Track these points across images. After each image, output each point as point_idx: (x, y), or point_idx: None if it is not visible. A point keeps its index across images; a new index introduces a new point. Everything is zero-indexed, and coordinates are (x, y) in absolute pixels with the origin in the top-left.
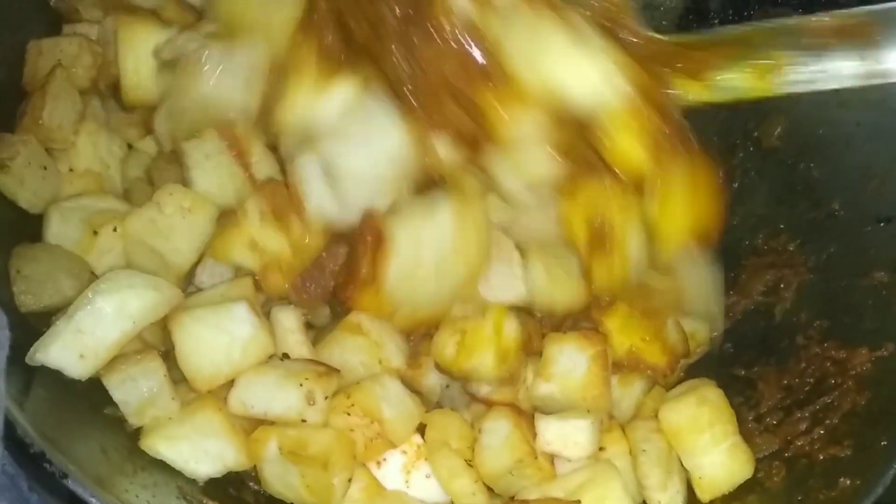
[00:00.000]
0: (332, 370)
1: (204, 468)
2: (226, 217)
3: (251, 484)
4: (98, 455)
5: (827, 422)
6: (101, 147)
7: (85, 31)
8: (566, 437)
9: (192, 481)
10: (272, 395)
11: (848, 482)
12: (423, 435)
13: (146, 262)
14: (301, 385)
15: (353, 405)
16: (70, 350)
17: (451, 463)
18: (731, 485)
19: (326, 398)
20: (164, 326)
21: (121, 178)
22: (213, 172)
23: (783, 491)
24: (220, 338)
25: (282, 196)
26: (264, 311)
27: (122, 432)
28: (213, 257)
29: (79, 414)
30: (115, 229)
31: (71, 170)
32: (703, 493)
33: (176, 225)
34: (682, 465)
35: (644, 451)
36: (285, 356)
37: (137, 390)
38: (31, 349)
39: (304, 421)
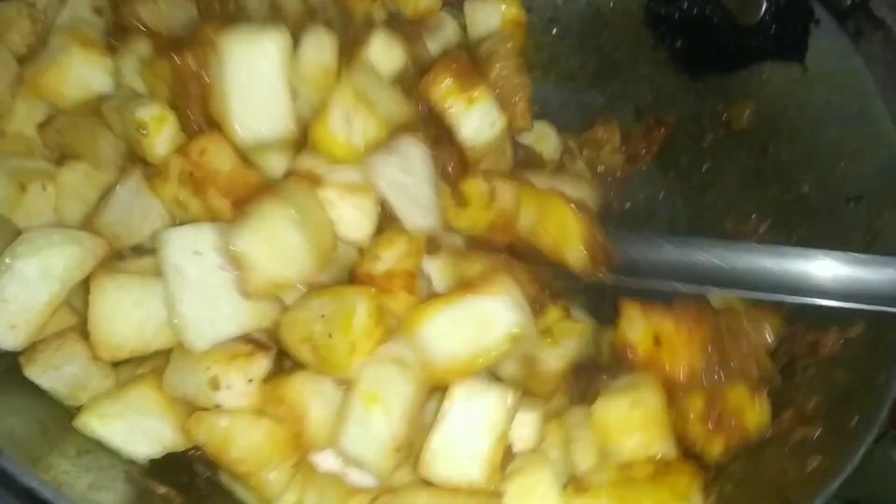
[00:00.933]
0: (260, 349)
1: (142, 448)
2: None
3: (202, 470)
4: (38, 436)
5: (798, 402)
6: (39, 113)
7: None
8: (511, 430)
9: (140, 465)
10: (185, 379)
11: (816, 462)
12: None
13: (79, 216)
14: (208, 368)
15: (279, 398)
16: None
17: None
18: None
19: (251, 381)
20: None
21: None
22: None
23: (753, 471)
24: (135, 311)
25: None
26: None
27: (65, 415)
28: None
29: (17, 390)
30: (44, 187)
31: (2, 133)
32: None
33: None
34: None
35: (577, 439)
36: None
37: (62, 377)
38: None
39: (218, 406)
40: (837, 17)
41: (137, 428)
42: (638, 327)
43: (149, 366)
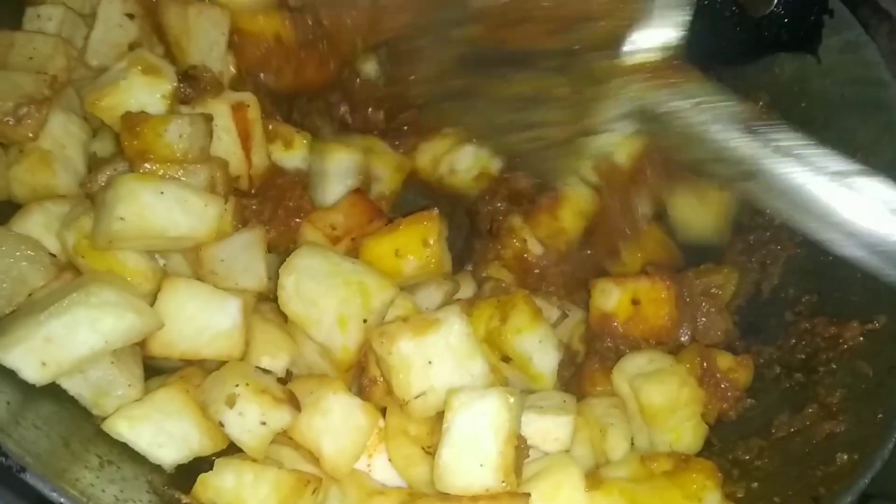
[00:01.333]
0: (292, 404)
1: (168, 453)
2: None
3: None
4: (61, 448)
5: (821, 397)
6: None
7: (48, 13)
8: (546, 432)
9: (163, 473)
10: (214, 384)
11: (846, 457)
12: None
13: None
14: (236, 386)
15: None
16: (33, 356)
17: (407, 451)
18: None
19: (264, 424)
20: None
21: (83, 155)
22: None
23: (780, 467)
24: (199, 317)
25: None
26: None
27: (88, 423)
28: None
29: (39, 404)
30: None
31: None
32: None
33: None
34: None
35: (612, 424)
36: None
37: (87, 381)
38: None
39: (221, 424)
40: (851, 8)
41: (164, 431)
42: (613, 296)
43: (178, 375)
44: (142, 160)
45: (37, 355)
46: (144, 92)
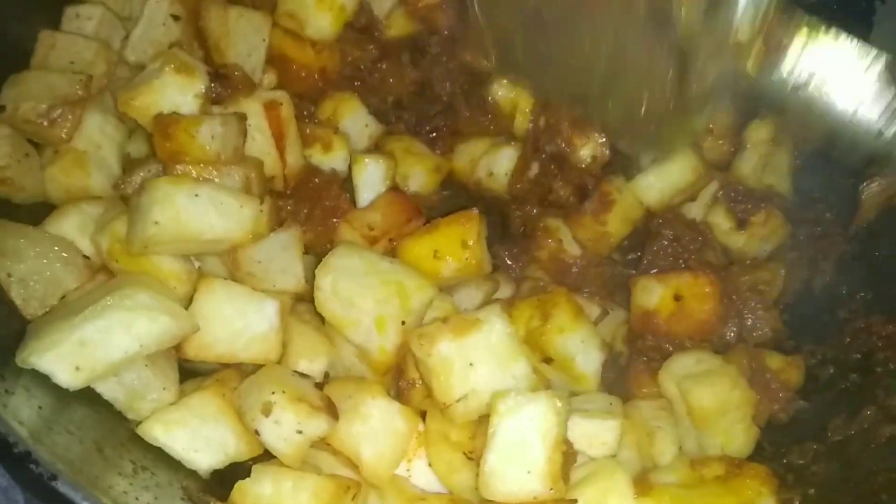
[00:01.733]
0: (330, 412)
1: (204, 458)
2: None
3: None
4: (94, 454)
5: (879, 398)
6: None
7: (88, 13)
8: (593, 437)
9: (198, 479)
10: (251, 391)
11: None
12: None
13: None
14: (272, 393)
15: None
16: (67, 360)
17: (449, 457)
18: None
19: (300, 433)
20: None
21: (118, 157)
22: None
23: (837, 473)
24: (236, 320)
25: None
26: None
27: (122, 428)
28: None
29: (72, 409)
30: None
31: (56, 151)
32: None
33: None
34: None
35: (660, 427)
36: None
37: (122, 385)
38: (24, 350)
39: (257, 432)
40: None
41: (200, 436)
42: (655, 292)
43: (214, 379)
44: (175, 162)
45: (71, 360)
46: (177, 91)
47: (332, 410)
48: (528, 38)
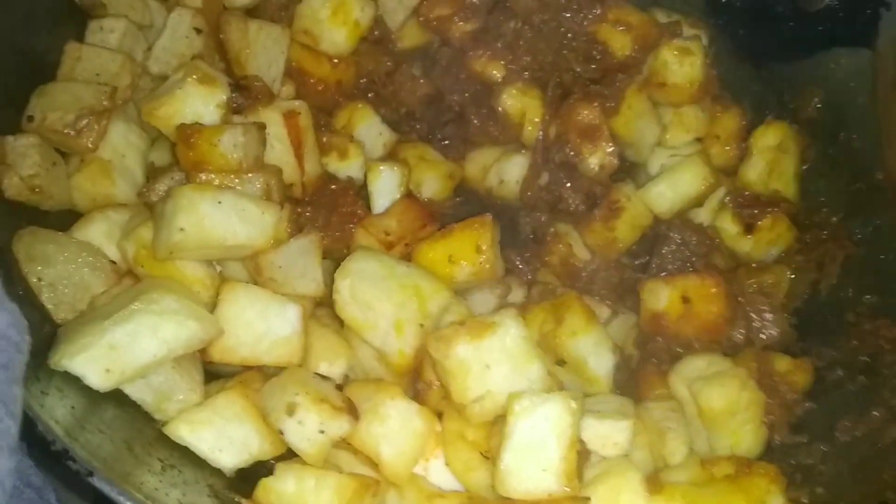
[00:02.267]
0: (351, 412)
1: (229, 457)
2: None
3: None
4: (124, 452)
5: (885, 399)
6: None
7: (111, 25)
8: (605, 437)
9: (223, 478)
10: (275, 391)
11: None
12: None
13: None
14: (296, 394)
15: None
16: (98, 363)
17: (465, 456)
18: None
19: (323, 433)
20: None
21: (142, 165)
22: None
23: (845, 472)
24: (258, 323)
25: None
26: None
27: (149, 428)
28: None
29: (102, 410)
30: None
31: (81, 160)
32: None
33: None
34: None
35: (671, 428)
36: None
37: (149, 386)
38: (56, 353)
39: (280, 432)
40: None
41: (225, 435)
42: (663, 294)
43: (237, 380)
44: (198, 170)
45: (101, 363)
46: (199, 101)
47: (353, 411)
48: None
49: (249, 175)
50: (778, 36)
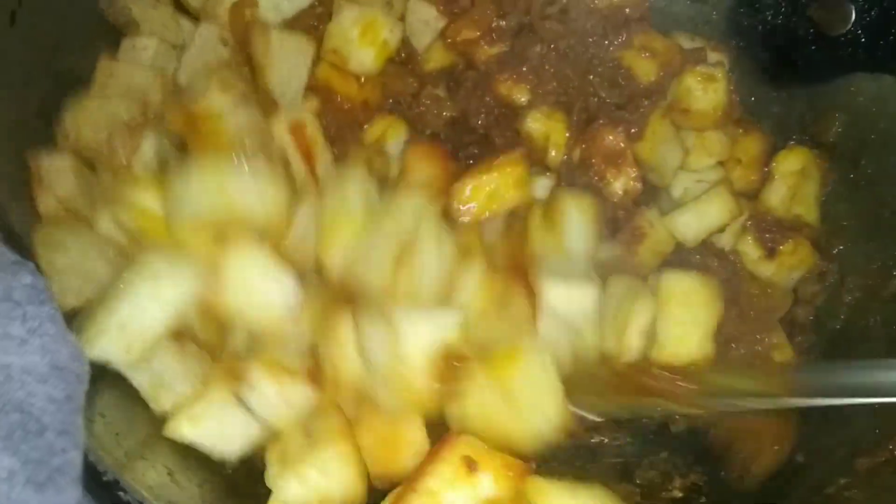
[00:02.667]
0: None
1: (231, 447)
2: None
3: None
4: (166, 480)
5: None
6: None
7: (144, 44)
8: (571, 301)
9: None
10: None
11: None
12: None
13: None
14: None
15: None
16: (116, 343)
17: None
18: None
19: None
20: None
21: None
22: None
23: (871, 500)
24: (258, 287)
25: None
26: None
27: (190, 454)
28: None
29: (141, 437)
30: None
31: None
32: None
33: None
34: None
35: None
36: None
37: (151, 372)
38: None
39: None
40: None
41: (225, 424)
42: None
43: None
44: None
45: (119, 342)
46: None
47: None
48: None
49: (259, 154)
50: (800, 59)
